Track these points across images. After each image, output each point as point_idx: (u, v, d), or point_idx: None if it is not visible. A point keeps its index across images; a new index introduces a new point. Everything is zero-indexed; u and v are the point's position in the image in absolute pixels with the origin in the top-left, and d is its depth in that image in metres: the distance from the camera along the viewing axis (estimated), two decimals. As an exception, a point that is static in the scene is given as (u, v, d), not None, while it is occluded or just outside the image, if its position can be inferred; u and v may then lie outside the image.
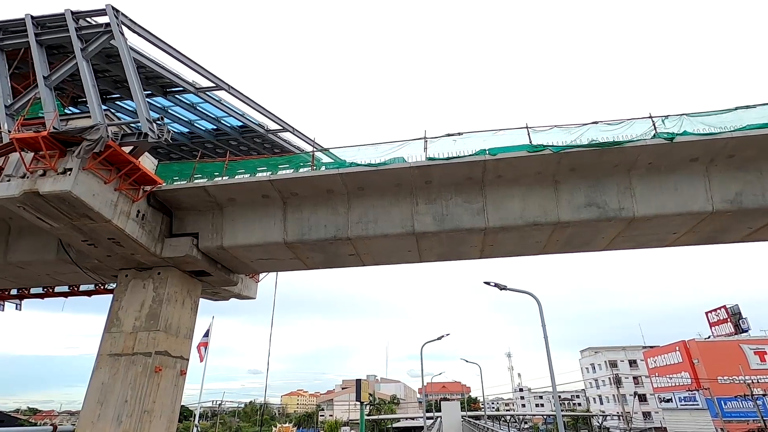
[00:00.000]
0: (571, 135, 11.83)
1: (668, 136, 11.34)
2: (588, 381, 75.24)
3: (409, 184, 12.90)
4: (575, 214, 12.40)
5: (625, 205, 12.20)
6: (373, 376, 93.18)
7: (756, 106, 11.58)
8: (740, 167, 12.01)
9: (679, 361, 49.65)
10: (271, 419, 79.12)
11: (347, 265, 15.63)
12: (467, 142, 12.24)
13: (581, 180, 12.48)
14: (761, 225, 12.88)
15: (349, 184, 12.86)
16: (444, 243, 13.80)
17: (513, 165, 12.05)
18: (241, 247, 13.71)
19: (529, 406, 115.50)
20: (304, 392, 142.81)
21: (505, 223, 12.63)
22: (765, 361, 44.27)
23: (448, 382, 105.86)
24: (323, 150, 14.12)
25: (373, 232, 13.01)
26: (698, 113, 11.81)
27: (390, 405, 72.57)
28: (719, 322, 53.65)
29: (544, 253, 14.87)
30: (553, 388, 11.47)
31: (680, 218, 12.37)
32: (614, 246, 14.34)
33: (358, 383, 27.41)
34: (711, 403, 43.50)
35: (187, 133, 16.92)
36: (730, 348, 46.04)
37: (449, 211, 12.86)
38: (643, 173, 12.29)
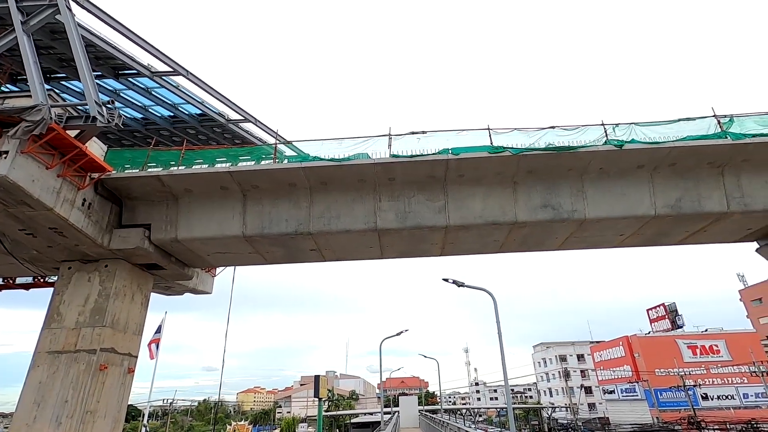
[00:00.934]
0: (530, 138, 12.26)
1: (618, 144, 12.00)
2: (539, 375, 78.70)
3: (372, 181, 12.90)
4: (532, 214, 12.87)
5: (578, 208, 12.80)
6: (332, 372, 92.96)
7: (695, 119, 12.48)
8: (680, 175, 12.91)
9: (622, 355, 52.89)
10: (225, 417, 77.13)
11: (308, 260, 15.45)
12: (431, 140, 12.40)
13: (538, 182, 12.97)
14: (696, 229, 13.92)
15: (311, 179, 12.69)
16: (406, 240, 13.93)
17: (474, 165, 12.34)
18: (197, 240, 13.21)
19: (484, 400, 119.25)
20: (262, 389, 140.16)
21: (466, 221, 12.92)
22: (697, 354, 48.02)
23: (406, 378, 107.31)
24: (286, 143, 13.83)
25: (336, 227, 12.92)
26: (646, 123, 12.58)
27: (349, 401, 72.65)
28: (658, 318, 57.65)
29: (501, 251, 15.34)
30: (505, 382, 11.90)
31: (626, 221, 13.14)
32: (567, 246, 15.02)
33: (317, 379, 27.23)
34: (648, 393, 46.72)
35: (140, 119, 16.06)
36: (666, 343, 49.57)
37: (412, 209, 12.99)
38: (594, 177, 12.93)
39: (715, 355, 47.70)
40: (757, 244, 15.20)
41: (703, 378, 45.82)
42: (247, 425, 56.59)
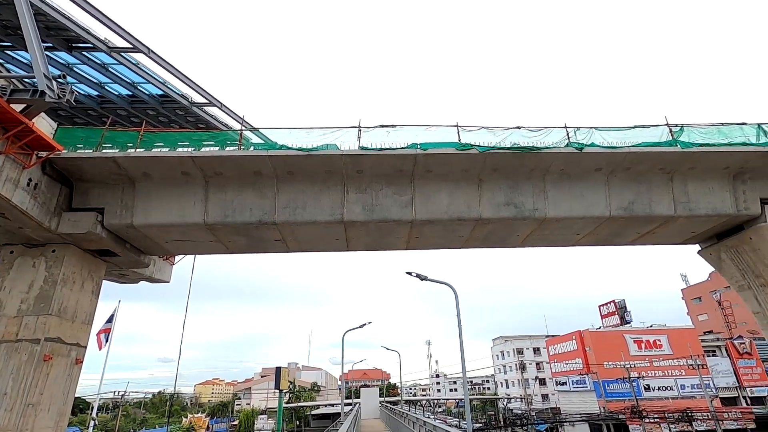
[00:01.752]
0: (496, 137, 12.53)
1: (578, 146, 12.48)
2: (497, 367, 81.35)
3: (340, 172, 12.80)
4: (495, 211, 13.21)
5: (539, 207, 13.24)
6: (294, 364, 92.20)
7: (650, 126, 13.15)
8: (634, 179, 13.60)
9: (574, 348, 55.48)
10: (182, 410, 75.03)
11: (272, 250, 15.19)
12: (400, 134, 12.42)
13: (503, 180, 13.30)
14: (646, 231, 14.75)
15: (278, 168, 12.44)
16: (372, 233, 13.95)
17: (442, 161, 12.49)
18: (154, 227, 12.68)
19: (444, 391, 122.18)
20: (220, 381, 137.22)
21: (432, 216, 13.08)
22: (642, 348, 51.11)
23: (369, 369, 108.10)
24: (252, 129, 13.46)
25: (301, 218, 12.75)
26: (605, 128, 13.13)
27: (310, 392, 72.40)
28: (609, 314, 60.89)
29: (465, 247, 15.67)
30: (463, 374, 12.23)
31: (584, 221, 13.73)
32: (527, 243, 15.53)
33: (278, 371, 26.96)
34: (597, 385, 49.34)
35: (96, 97, 15.14)
36: (615, 337, 52.43)
37: (379, 202, 13.01)
38: (556, 178, 13.41)
39: (658, 349, 50.93)
40: (699, 246, 16.31)
41: (647, 370, 48.92)
42: (204, 417, 55.29)
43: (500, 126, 12.74)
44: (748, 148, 12.85)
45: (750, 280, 14.51)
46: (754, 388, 49.19)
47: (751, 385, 49.30)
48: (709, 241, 15.70)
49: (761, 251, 13.83)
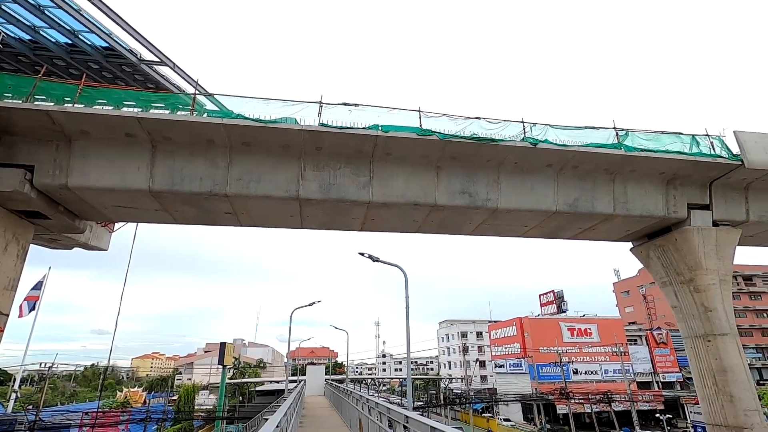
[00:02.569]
0: (456, 125, 12.69)
1: (533, 142, 12.93)
2: (442, 349, 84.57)
3: (298, 148, 12.49)
4: (450, 199, 13.48)
5: (492, 197, 13.67)
6: (240, 340, 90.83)
7: (599, 128, 13.85)
8: (581, 177, 14.36)
9: (514, 334, 58.73)
10: (117, 384, 71.92)
11: (222, 223, 14.68)
12: (362, 114, 12.26)
13: (459, 169, 13.57)
14: (588, 227, 15.69)
15: (233, 137, 11.92)
16: (327, 212, 13.81)
17: (402, 145, 12.50)
18: (92, 190, 11.80)
19: (390, 371, 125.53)
20: (161, 355, 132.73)
21: (388, 199, 13.14)
22: (574, 335, 55.01)
23: (316, 348, 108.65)
24: (207, 95, 12.76)
25: (255, 191, 12.37)
26: (559, 126, 13.66)
27: (255, 369, 71.78)
28: (548, 303, 64.77)
29: (419, 232, 15.93)
30: (407, 354, 12.61)
31: (532, 214, 14.36)
32: (478, 232, 16.05)
33: (222, 346, 26.45)
34: (531, 368, 52.72)
35: (28, 42, 13.66)
36: (551, 325, 56.02)
37: (336, 181, 12.87)
38: (509, 171, 13.87)
39: (588, 336, 55.04)
40: (632, 244, 17.62)
41: (577, 356, 52.85)
42: (141, 392, 53.34)
43: (461, 115, 12.89)
44: (682, 157, 13.91)
45: (672, 277, 15.91)
46: (666, 374, 54.69)
47: (664, 371, 54.76)
48: (641, 239, 16.99)
49: (683, 251, 15.17)
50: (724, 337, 14.35)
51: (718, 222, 15.17)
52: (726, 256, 15.20)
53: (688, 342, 15.58)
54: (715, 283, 14.81)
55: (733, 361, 14.10)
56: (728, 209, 15.28)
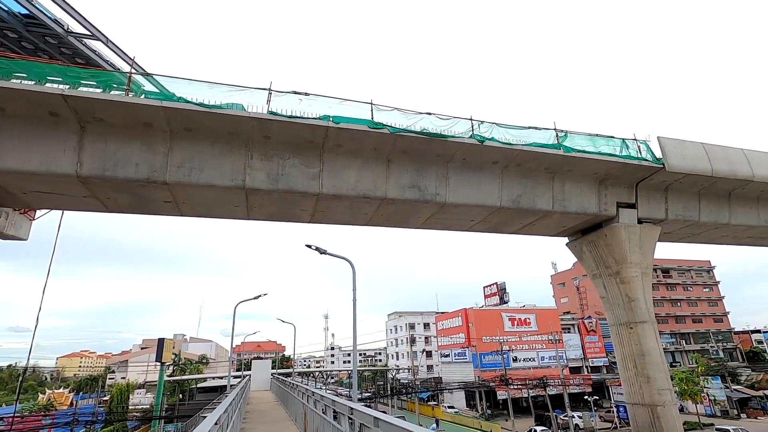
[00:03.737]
0: (408, 120, 12.81)
1: (480, 139, 13.36)
2: (390, 340, 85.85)
3: (245, 136, 12.02)
4: (401, 193, 13.63)
5: (440, 192, 13.99)
6: (181, 335, 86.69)
7: (542, 129, 14.57)
8: (524, 175, 15.07)
9: (459, 324, 60.83)
10: (39, 385, 66.05)
11: (161, 212, 13.84)
12: (313, 104, 12.02)
13: (410, 163, 13.73)
14: (529, 222, 16.53)
15: (174, 122, 11.23)
16: (276, 203, 13.46)
17: (354, 137, 12.43)
18: (9, 173, 10.65)
19: (338, 363, 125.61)
20: (91, 353, 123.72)
21: (339, 191, 13.03)
22: (514, 325, 58.01)
23: (263, 342, 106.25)
24: (145, 74, 11.88)
25: (197, 180, 11.76)
26: (505, 125, 14.20)
27: (197, 365, 68.81)
28: (491, 294, 67.71)
29: (369, 224, 15.98)
30: (353, 346, 12.67)
31: (478, 209, 14.87)
32: (427, 225, 16.38)
33: (161, 342, 25.06)
34: (475, 357, 54.96)
35: (-71, 2, 11.95)
36: (494, 315, 58.67)
37: (285, 172, 12.55)
38: (458, 166, 14.24)
39: (527, 326, 58.26)
40: (568, 239, 18.81)
41: (516, 344, 55.82)
42: (67, 393, 49.33)
43: (412, 110, 13.02)
44: (613, 159, 15.00)
45: (601, 270, 17.20)
46: (594, 359, 59.27)
47: (593, 356, 59.32)
48: (576, 235, 18.18)
49: (612, 246, 16.44)
50: (644, 324, 15.77)
51: (642, 220, 16.58)
52: (648, 250, 16.67)
53: (613, 329, 16.95)
54: (637, 275, 16.21)
55: (651, 345, 15.55)
56: (651, 208, 16.73)
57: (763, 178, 16.74)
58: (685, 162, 15.66)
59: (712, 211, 17.60)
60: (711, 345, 67.05)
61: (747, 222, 18.26)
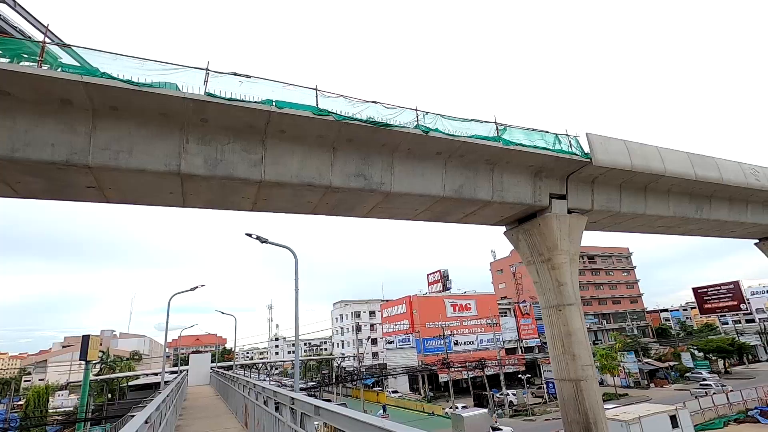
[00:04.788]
0: (353, 108, 12.69)
1: (425, 130, 13.58)
2: (336, 329, 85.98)
3: (180, 118, 11.28)
4: (346, 181, 13.53)
5: (386, 181, 14.08)
6: (110, 331, 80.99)
7: (483, 121, 15.10)
8: (466, 166, 15.57)
9: (404, 311, 62.29)
10: (-65, 392, 58.59)
11: (83, 199, 12.67)
12: (254, 87, 11.51)
13: (355, 151, 13.65)
14: (470, 212, 17.16)
15: (97, 99, 10.25)
16: (214, 190, 12.82)
17: (298, 123, 12.11)
18: None
19: (282, 354, 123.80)
20: (2, 354, 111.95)
21: (282, 179, 12.68)
22: (456, 311, 60.45)
23: (202, 335, 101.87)
24: (63, 45, 10.69)
25: (126, 164, 10.88)
26: (448, 116, 14.53)
27: (129, 362, 64.60)
28: (435, 282, 69.88)
29: (314, 213, 15.74)
30: (296, 335, 12.53)
31: (422, 198, 15.17)
32: (372, 214, 16.45)
33: (85, 339, 23.19)
34: (418, 342, 56.66)
35: None
36: (437, 301, 60.73)
37: (224, 157, 11.97)
38: (403, 156, 14.39)
39: (468, 311, 60.97)
40: (505, 228, 19.79)
41: (458, 329, 58.26)
42: (-26, 400, 44.17)
43: (358, 98, 12.90)
44: (548, 153, 15.93)
45: (535, 257, 18.33)
46: (528, 340, 63.44)
47: (527, 338, 63.45)
48: (513, 224, 19.18)
49: (545, 235, 17.55)
50: (571, 306, 17.08)
51: (572, 210, 17.83)
52: (576, 238, 17.99)
53: (545, 312, 18.19)
54: (566, 261, 17.46)
55: (577, 326, 16.89)
56: (579, 199, 18.02)
57: (673, 173, 18.63)
58: (609, 157, 17.00)
59: (631, 203, 19.33)
60: (627, 324, 74.30)
61: (659, 212, 20.28)
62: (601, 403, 16.48)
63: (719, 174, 20.18)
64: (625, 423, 21.53)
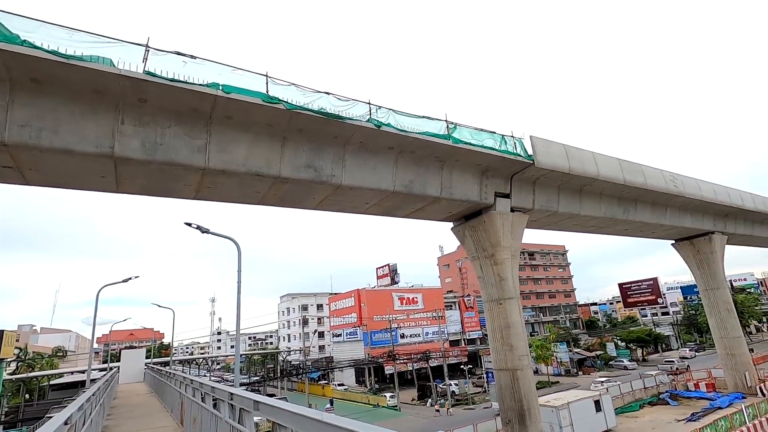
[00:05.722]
0: (305, 97, 12.42)
1: (377, 124, 13.60)
2: (282, 322, 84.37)
3: (115, 96, 10.46)
4: (295, 172, 13.25)
5: (336, 173, 13.96)
6: (28, 326, 74.07)
7: (434, 119, 15.36)
8: (416, 162, 15.80)
9: (352, 304, 62.37)
10: None
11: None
12: (200, 69, 10.92)
13: (306, 142, 13.40)
14: (419, 207, 17.46)
15: (15, 70, 9.25)
16: (153, 175, 12.06)
17: (246, 109, 11.65)
18: None
19: (225, 348, 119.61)
20: None
21: (228, 167, 12.18)
22: (403, 304, 61.47)
23: (136, 329, 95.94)
24: (-26, 6, 9.49)
25: (50, 144, 9.94)
26: (401, 112, 14.63)
27: (51, 359, 59.39)
28: (383, 276, 70.53)
29: (262, 203, 15.28)
30: (237, 329, 12.14)
31: (373, 192, 15.21)
32: (322, 207, 16.26)
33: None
34: (365, 335, 57.05)
35: None
36: (385, 295, 61.39)
37: (165, 141, 11.28)
38: (354, 149, 14.33)
39: (415, 305, 62.20)
40: (453, 224, 20.37)
41: (405, 322, 59.32)
42: None
43: (311, 88, 12.64)
44: (495, 153, 16.55)
45: (479, 253, 19.04)
46: (471, 332, 65.98)
47: (470, 330, 65.95)
48: (459, 221, 19.78)
49: (489, 231, 18.27)
50: (511, 300, 17.96)
51: (514, 208, 18.70)
52: (517, 236, 18.91)
53: (487, 305, 18.99)
54: (508, 257, 18.31)
55: (515, 319, 17.81)
56: (521, 198, 18.94)
57: (605, 177, 20.09)
58: (550, 160, 17.99)
59: (568, 203, 20.62)
60: (561, 316, 79.42)
61: (592, 213, 21.81)
62: (534, 391, 17.53)
63: (644, 179, 22.04)
64: (555, 408, 23.08)
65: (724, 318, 31.45)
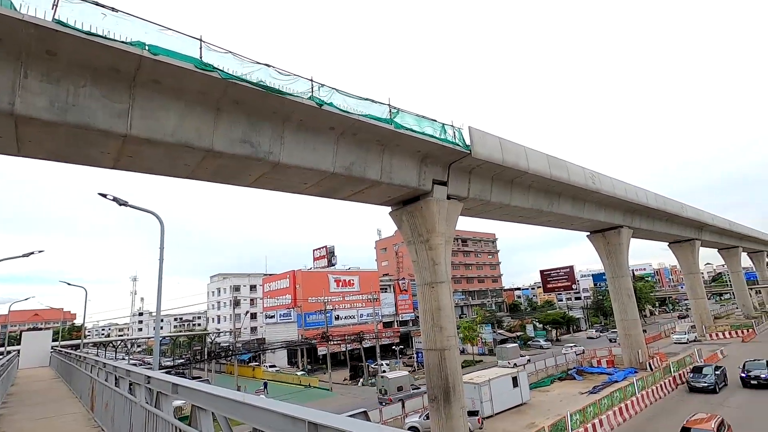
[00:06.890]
0: (243, 68, 11.73)
1: (319, 102, 13.25)
2: (212, 303, 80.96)
3: (17, 46, 9.15)
4: (230, 146, 12.57)
5: (274, 150, 13.46)
6: None
7: (377, 102, 15.27)
8: (358, 144, 15.69)
9: (287, 286, 61.40)
10: None
11: None
12: (123, 25, 9.84)
13: (243, 116, 12.73)
14: (359, 190, 17.44)
15: None
16: (64, 139, 10.80)
17: (175, 74, 10.76)
18: None
19: (147, 330, 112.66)
20: None
21: (154, 136, 11.24)
22: (339, 286, 61.67)
23: (42, 309, 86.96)
24: None
25: (-71, 93, 8.48)
26: (344, 92, 14.34)
27: (-67, 342, 51.96)
28: (320, 257, 70.14)
29: (192, 177, 14.38)
30: (157, 308, 11.45)
31: (312, 173, 14.89)
32: (259, 184, 15.65)
33: None
34: (299, 317, 56.61)
35: None
36: (321, 276, 61.15)
37: (79, 102, 10.12)
38: (294, 127, 13.88)
39: (351, 287, 62.66)
40: (391, 208, 20.64)
41: (340, 304, 59.62)
42: None
43: (250, 58, 11.94)
44: (435, 141, 16.89)
45: (415, 238, 19.53)
46: (404, 315, 68.02)
47: (403, 312, 67.96)
48: (398, 205, 20.08)
49: (425, 217, 18.77)
50: (442, 284, 18.71)
51: (450, 196, 19.34)
52: (452, 222, 19.63)
53: (420, 288, 19.62)
54: (442, 243, 18.98)
55: (445, 302, 18.61)
56: (457, 187, 19.62)
57: (535, 171, 21.40)
58: (486, 151, 18.77)
59: (499, 194, 21.73)
60: (488, 300, 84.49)
61: (521, 204, 23.22)
62: (459, 369, 18.56)
63: (568, 175, 23.80)
64: (477, 385, 24.70)
65: (626, 303, 35.39)
